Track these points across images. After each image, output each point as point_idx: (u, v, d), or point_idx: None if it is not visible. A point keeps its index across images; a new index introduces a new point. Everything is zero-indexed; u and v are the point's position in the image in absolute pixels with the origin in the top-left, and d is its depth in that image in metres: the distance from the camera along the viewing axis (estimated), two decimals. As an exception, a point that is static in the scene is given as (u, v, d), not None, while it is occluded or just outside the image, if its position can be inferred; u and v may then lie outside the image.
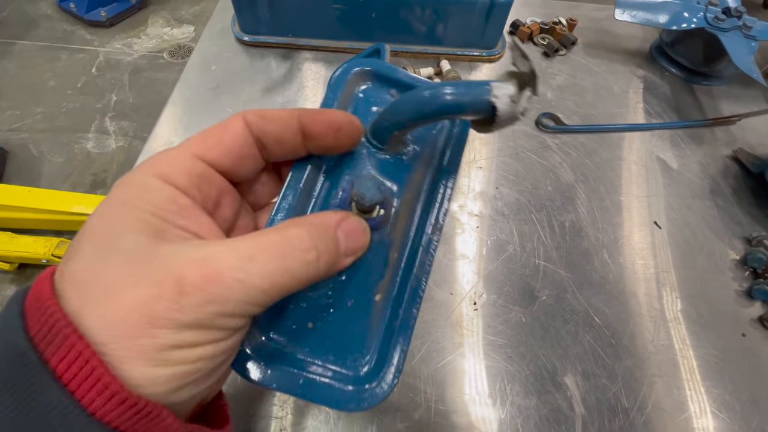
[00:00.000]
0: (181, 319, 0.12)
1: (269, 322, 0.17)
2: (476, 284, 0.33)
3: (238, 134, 0.16)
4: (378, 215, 0.18)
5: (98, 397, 0.11)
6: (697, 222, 0.39)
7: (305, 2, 0.45)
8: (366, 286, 0.18)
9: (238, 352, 0.16)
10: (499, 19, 0.47)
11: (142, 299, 0.12)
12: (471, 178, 0.39)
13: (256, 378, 0.16)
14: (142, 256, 0.12)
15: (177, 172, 0.14)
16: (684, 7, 0.49)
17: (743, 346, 0.32)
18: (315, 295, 0.17)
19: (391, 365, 0.16)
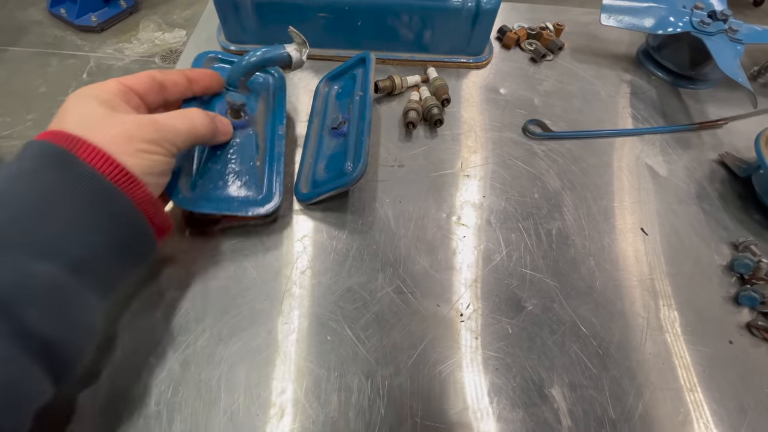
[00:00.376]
0: (145, 138, 0.25)
1: (196, 181, 0.32)
2: (463, 295, 0.33)
3: (144, 76, 0.29)
4: (244, 118, 0.34)
5: (108, 167, 0.23)
6: (684, 228, 0.39)
7: (290, 11, 0.44)
8: (248, 158, 0.33)
9: (170, 178, 0.28)
10: (485, 26, 0.47)
11: (122, 129, 0.24)
12: (458, 187, 0.39)
13: (191, 207, 0.31)
14: (112, 116, 0.25)
15: (111, 87, 0.26)
16: (669, 12, 0.49)
17: (730, 353, 0.32)
18: (220, 167, 0.32)
19: (275, 190, 0.33)
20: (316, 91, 0.44)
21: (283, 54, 0.34)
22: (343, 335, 0.30)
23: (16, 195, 0.21)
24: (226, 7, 0.44)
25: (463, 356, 0.30)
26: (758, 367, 0.31)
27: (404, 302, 0.32)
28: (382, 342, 0.30)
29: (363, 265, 0.34)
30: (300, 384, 0.28)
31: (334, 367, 0.29)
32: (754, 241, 0.37)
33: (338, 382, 0.28)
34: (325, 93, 0.44)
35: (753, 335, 0.33)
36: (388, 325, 0.31)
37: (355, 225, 0.36)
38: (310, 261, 0.33)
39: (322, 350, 0.29)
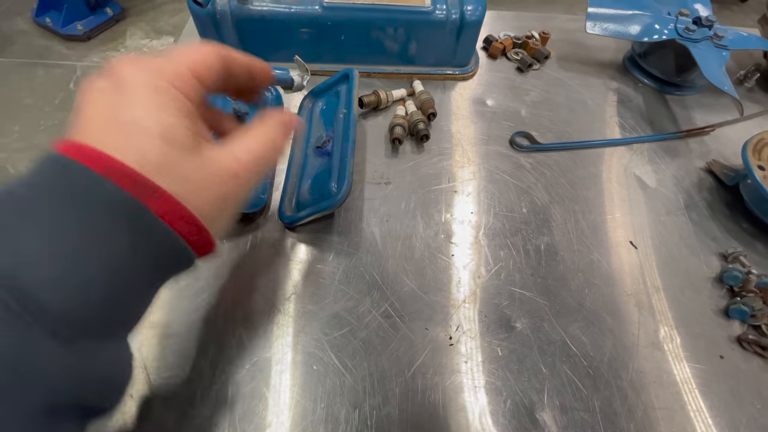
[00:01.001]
0: (239, 196, 0.21)
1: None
2: (451, 317, 0.32)
3: (218, 65, 0.21)
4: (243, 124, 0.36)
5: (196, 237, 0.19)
6: (673, 239, 0.38)
7: (272, 27, 0.44)
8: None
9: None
10: (470, 37, 0.47)
11: (219, 190, 0.19)
12: (446, 204, 0.39)
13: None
14: (200, 155, 0.19)
15: (187, 89, 0.19)
16: (655, 19, 0.49)
17: (721, 368, 0.32)
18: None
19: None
20: (300, 107, 0.44)
21: (287, 77, 0.37)
22: (330, 364, 0.29)
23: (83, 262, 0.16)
24: (205, 23, 0.43)
25: (453, 382, 0.30)
26: (749, 381, 0.31)
27: (392, 327, 0.31)
28: (370, 370, 0.29)
29: (350, 288, 0.33)
30: (286, 417, 0.27)
31: (321, 398, 0.28)
32: (743, 252, 0.37)
33: (325, 413, 0.27)
34: (309, 109, 0.43)
35: (744, 349, 0.33)
36: (375, 351, 0.30)
37: (342, 246, 0.35)
38: (295, 286, 0.33)
39: (309, 381, 0.29)
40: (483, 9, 0.45)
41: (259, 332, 0.30)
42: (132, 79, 0.18)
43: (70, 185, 0.16)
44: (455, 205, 0.39)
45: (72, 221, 0.16)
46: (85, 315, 0.16)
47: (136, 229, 0.17)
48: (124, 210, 0.17)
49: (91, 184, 0.16)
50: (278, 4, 0.42)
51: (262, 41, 0.45)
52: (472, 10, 0.44)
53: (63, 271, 0.16)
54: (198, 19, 0.43)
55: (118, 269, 0.17)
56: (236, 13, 0.42)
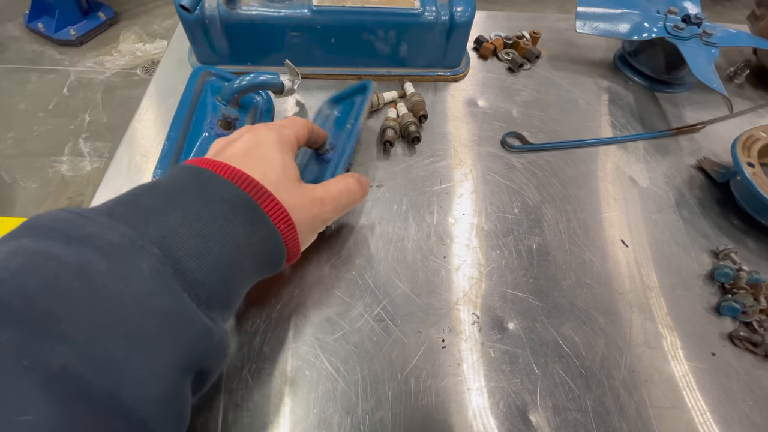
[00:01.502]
0: (324, 217, 0.28)
1: None
2: (444, 319, 0.32)
3: (307, 134, 0.32)
4: (233, 130, 0.38)
5: (290, 241, 0.25)
6: (664, 237, 0.39)
7: (262, 31, 0.44)
8: None
9: None
10: (461, 38, 0.47)
11: (312, 210, 0.27)
12: (437, 206, 0.39)
13: None
14: (300, 182, 0.27)
15: (294, 147, 0.29)
16: (644, 17, 0.49)
17: (713, 366, 0.32)
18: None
19: None
20: (318, 112, 0.44)
21: (277, 81, 0.39)
22: (322, 369, 0.29)
23: (215, 243, 0.21)
24: (194, 28, 0.43)
25: (446, 384, 0.30)
26: (741, 378, 0.31)
27: (384, 330, 0.31)
28: (362, 374, 0.29)
29: (342, 292, 0.33)
30: (278, 423, 0.27)
31: (313, 403, 0.28)
32: (734, 249, 0.37)
33: (317, 419, 0.27)
34: (325, 116, 0.43)
35: (735, 346, 0.33)
36: (368, 355, 0.30)
37: (333, 250, 0.35)
38: (287, 291, 0.33)
39: (301, 386, 0.29)
40: (472, 10, 0.45)
41: (250, 338, 0.30)
42: (265, 134, 0.27)
43: (203, 184, 0.22)
44: (447, 206, 0.39)
45: (205, 211, 0.21)
46: (214, 288, 0.20)
47: (252, 222, 0.22)
48: (243, 207, 0.22)
49: (220, 185, 0.22)
50: (267, 8, 0.42)
51: (252, 45, 0.45)
52: (461, 11, 0.44)
53: (201, 248, 0.20)
54: (186, 24, 0.43)
55: (237, 257, 0.21)
56: (225, 17, 0.42)
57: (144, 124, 0.43)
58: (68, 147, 1.50)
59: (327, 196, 0.28)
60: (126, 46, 1.87)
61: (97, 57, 1.81)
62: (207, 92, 0.39)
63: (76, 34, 1.79)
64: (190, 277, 0.19)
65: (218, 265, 0.20)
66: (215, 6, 0.41)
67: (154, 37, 1.92)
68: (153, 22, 1.99)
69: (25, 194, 1.36)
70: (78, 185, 1.40)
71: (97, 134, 1.54)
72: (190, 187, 0.22)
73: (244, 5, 0.42)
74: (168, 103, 0.45)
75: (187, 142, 0.35)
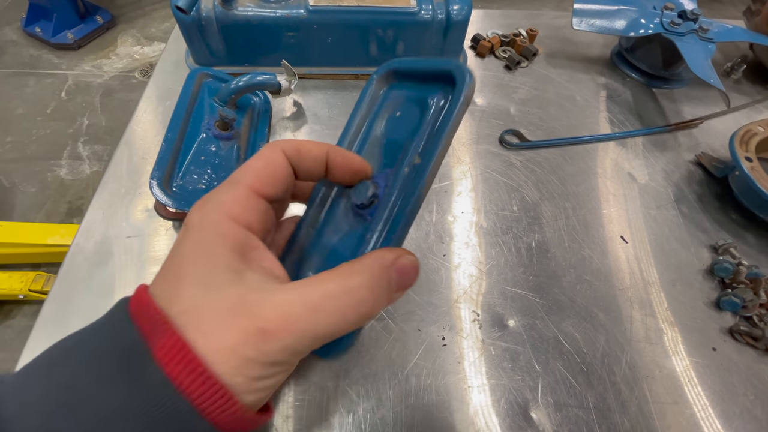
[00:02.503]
0: (263, 360, 0.15)
1: (179, 181, 0.34)
2: (444, 317, 0.32)
3: (283, 169, 0.19)
4: (231, 132, 0.37)
5: (200, 391, 0.14)
6: (663, 233, 0.39)
7: (259, 31, 0.44)
8: (229, 168, 0.36)
9: None
10: (457, 36, 0.47)
11: (236, 342, 0.15)
12: (436, 204, 0.39)
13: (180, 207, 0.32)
14: (233, 300, 0.16)
15: (243, 212, 0.17)
16: (640, 14, 0.49)
17: (714, 361, 0.32)
18: (199, 174, 0.35)
19: None
20: (364, 92, 0.24)
21: (274, 81, 0.39)
22: (323, 368, 0.29)
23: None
24: (190, 29, 0.43)
25: (447, 382, 0.30)
26: (742, 373, 0.31)
27: (384, 329, 0.31)
28: (363, 372, 0.29)
29: (341, 291, 0.33)
30: (279, 423, 0.27)
31: (314, 403, 0.28)
32: (733, 244, 0.37)
33: (319, 419, 0.27)
34: (373, 102, 0.24)
35: (736, 340, 0.33)
36: (368, 354, 0.30)
37: (333, 250, 0.35)
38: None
39: (301, 387, 0.29)
40: (469, 8, 0.45)
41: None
42: (192, 222, 0.17)
43: (115, 312, 0.17)
44: (446, 205, 0.39)
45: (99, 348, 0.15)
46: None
47: (131, 378, 0.14)
48: (118, 355, 0.15)
49: (121, 320, 0.16)
50: (264, 9, 0.42)
51: (248, 46, 0.45)
52: (458, 10, 0.44)
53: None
54: (183, 25, 0.43)
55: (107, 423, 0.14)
56: (221, 18, 0.42)
57: (142, 126, 0.43)
58: (67, 151, 1.50)
59: (308, 310, 0.16)
60: (124, 49, 1.87)
61: (94, 60, 1.81)
62: (204, 93, 0.39)
63: (73, 38, 1.79)
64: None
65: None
66: (211, 7, 0.41)
67: (152, 40, 1.92)
68: (151, 25, 1.99)
69: (24, 198, 1.36)
70: (77, 189, 1.40)
71: (95, 138, 1.54)
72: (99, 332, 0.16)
73: (241, 6, 0.42)
74: (165, 105, 0.45)
75: (185, 144, 0.35)
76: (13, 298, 1.05)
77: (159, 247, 0.35)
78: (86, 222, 0.36)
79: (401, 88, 0.23)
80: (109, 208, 0.37)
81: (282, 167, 0.19)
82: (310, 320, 0.16)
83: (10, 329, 1.08)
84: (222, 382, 0.14)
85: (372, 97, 0.24)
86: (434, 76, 0.21)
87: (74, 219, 1.31)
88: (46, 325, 0.31)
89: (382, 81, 0.24)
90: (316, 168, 0.20)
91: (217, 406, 0.15)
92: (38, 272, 1.07)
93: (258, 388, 0.16)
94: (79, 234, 0.35)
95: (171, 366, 0.14)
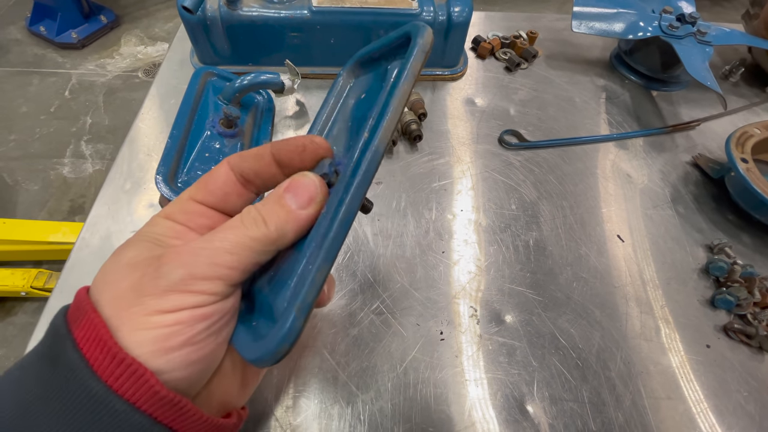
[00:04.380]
0: (160, 285, 0.16)
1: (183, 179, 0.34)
2: (442, 312, 0.33)
3: (221, 177, 0.20)
4: (235, 129, 0.38)
5: (100, 354, 0.15)
6: (659, 232, 0.39)
7: (263, 31, 0.44)
8: None
9: (227, 331, 0.18)
10: (458, 38, 0.47)
11: (135, 280, 0.16)
12: (436, 202, 0.39)
13: None
14: (139, 259, 0.17)
15: (176, 211, 0.19)
16: (639, 17, 0.50)
17: (708, 358, 0.32)
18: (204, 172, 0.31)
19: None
20: (333, 84, 0.25)
21: (278, 80, 0.40)
22: (323, 361, 0.30)
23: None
24: (196, 29, 0.44)
25: (444, 375, 0.30)
26: (736, 370, 0.32)
27: (384, 323, 0.32)
28: (362, 365, 0.30)
29: (342, 286, 0.34)
30: (282, 413, 0.28)
31: (314, 394, 0.29)
32: (728, 243, 0.38)
33: (318, 409, 0.28)
34: (341, 92, 0.25)
35: (730, 338, 0.34)
36: (368, 348, 0.31)
37: (334, 246, 0.36)
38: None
39: (301, 378, 0.29)
40: (470, 10, 0.45)
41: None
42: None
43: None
44: (446, 203, 0.40)
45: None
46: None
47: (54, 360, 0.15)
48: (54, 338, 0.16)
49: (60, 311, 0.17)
50: (268, 9, 0.43)
51: (252, 46, 0.46)
52: (459, 12, 0.45)
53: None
54: (188, 25, 0.43)
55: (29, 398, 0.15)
56: (226, 18, 0.43)
57: (147, 124, 0.44)
58: (70, 149, 1.51)
59: (204, 240, 0.17)
60: (127, 48, 1.88)
61: (98, 60, 1.83)
62: (209, 92, 0.40)
63: (77, 37, 1.80)
64: None
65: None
66: (216, 7, 0.42)
67: (155, 40, 1.93)
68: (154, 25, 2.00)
69: (27, 196, 1.37)
70: (79, 187, 1.41)
71: (98, 136, 1.55)
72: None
73: (245, 6, 0.43)
74: (170, 103, 0.46)
75: (190, 141, 0.36)
76: (15, 294, 1.06)
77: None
78: (92, 217, 0.36)
79: (368, 73, 0.24)
80: (115, 203, 0.37)
81: (221, 175, 0.20)
82: (204, 239, 0.17)
83: (12, 326, 1.09)
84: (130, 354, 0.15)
85: (340, 89, 0.25)
86: (396, 47, 0.21)
87: (76, 217, 1.32)
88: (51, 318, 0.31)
89: (349, 74, 0.25)
90: (263, 167, 0.20)
91: (128, 381, 0.15)
92: (40, 269, 1.07)
93: (154, 315, 0.15)
94: (84, 229, 0.36)
95: (85, 344, 0.15)
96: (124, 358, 0.15)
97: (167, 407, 0.15)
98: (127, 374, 0.15)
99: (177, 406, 0.15)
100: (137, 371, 0.15)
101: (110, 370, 0.15)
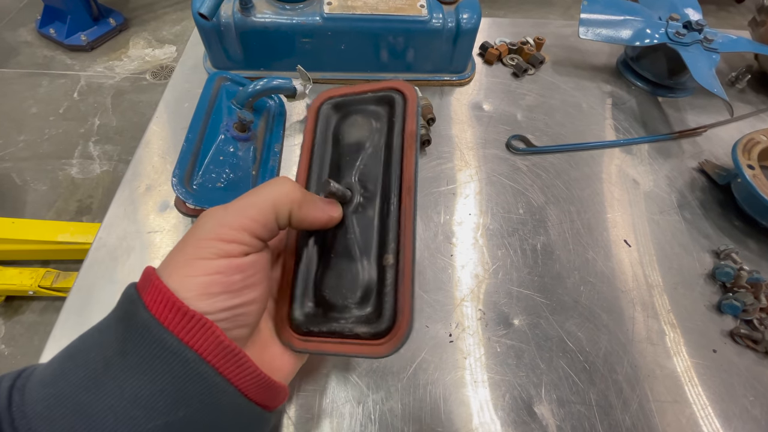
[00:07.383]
0: (197, 235, 0.20)
1: (198, 183, 0.35)
2: (451, 315, 0.33)
3: (270, 222, 0.21)
4: (248, 133, 0.39)
5: (169, 313, 0.17)
6: (666, 238, 0.39)
7: (275, 37, 0.45)
8: (247, 167, 0.38)
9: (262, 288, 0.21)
10: (466, 44, 0.48)
11: (181, 245, 0.20)
12: (444, 206, 0.40)
13: (197, 203, 0.33)
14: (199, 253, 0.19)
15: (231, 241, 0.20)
16: (646, 24, 0.50)
17: (714, 363, 0.33)
18: (218, 173, 0.36)
19: None
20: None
21: (290, 85, 0.41)
22: (334, 362, 0.30)
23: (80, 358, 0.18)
24: (210, 35, 0.45)
25: (453, 377, 0.31)
26: (742, 374, 0.32)
27: (394, 325, 0.32)
28: (372, 366, 0.30)
29: (352, 288, 0.34)
30: (292, 413, 0.28)
31: (326, 393, 0.29)
32: (734, 249, 0.38)
33: (330, 408, 0.29)
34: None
35: (736, 343, 0.34)
36: (378, 348, 0.31)
37: (344, 248, 0.37)
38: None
39: (313, 378, 0.30)
40: (478, 17, 0.46)
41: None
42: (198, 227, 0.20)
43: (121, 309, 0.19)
44: (454, 207, 0.40)
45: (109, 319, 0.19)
46: None
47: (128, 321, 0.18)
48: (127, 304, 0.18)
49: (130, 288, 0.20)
50: (280, 16, 0.44)
51: (265, 51, 0.47)
52: (467, 18, 0.46)
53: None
54: (203, 31, 0.44)
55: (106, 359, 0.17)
56: (240, 24, 0.43)
57: (161, 127, 0.45)
58: (78, 150, 1.52)
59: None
60: (135, 51, 1.90)
61: (107, 62, 1.85)
62: (222, 96, 0.41)
63: (86, 40, 1.82)
64: None
65: None
66: (230, 14, 0.43)
67: (163, 43, 1.95)
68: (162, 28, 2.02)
69: (35, 196, 1.38)
70: (87, 188, 1.42)
71: (106, 138, 1.57)
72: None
73: (258, 13, 0.44)
74: (183, 107, 0.46)
75: (204, 144, 0.37)
76: (23, 294, 1.07)
77: (177, 242, 0.36)
78: (108, 218, 0.37)
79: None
80: (131, 204, 0.38)
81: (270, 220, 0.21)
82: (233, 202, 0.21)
83: (20, 324, 1.10)
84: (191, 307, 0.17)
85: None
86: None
87: (84, 217, 1.33)
88: (69, 315, 0.32)
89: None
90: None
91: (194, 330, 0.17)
92: (48, 269, 1.08)
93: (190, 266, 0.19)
94: (101, 229, 0.37)
95: (153, 305, 0.17)
96: (187, 311, 0.17)
97: (227, 357, 0.18)
98: (192, 324, 0.17)
99: (236, 357, 0.18)
100: (200, 320, 0.17)
101: (181, 325, 0.17)
